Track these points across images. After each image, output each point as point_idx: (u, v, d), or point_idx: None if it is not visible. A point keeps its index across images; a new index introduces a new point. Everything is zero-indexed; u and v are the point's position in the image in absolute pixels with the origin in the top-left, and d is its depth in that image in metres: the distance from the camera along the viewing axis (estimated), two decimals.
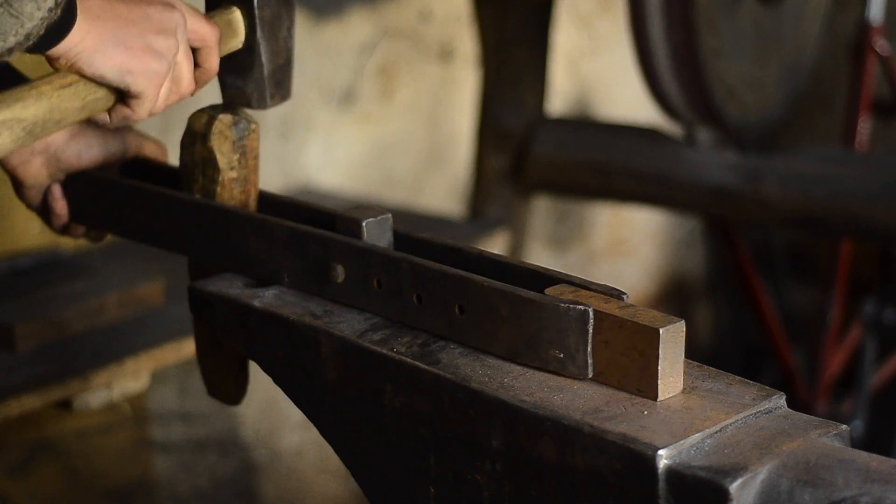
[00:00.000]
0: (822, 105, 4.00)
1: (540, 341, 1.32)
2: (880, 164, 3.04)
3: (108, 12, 1.37)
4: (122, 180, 1.68)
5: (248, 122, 1.58)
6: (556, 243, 4.04)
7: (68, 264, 2.49)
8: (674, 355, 1.27)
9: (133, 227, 1.67)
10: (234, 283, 1.56)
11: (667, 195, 3.11)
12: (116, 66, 1.37)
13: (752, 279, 3.55)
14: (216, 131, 1.56)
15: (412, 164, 3.53)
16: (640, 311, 1.29)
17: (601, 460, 1.22)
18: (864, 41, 3.37)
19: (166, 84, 1.43)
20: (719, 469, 1.17)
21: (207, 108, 1.59)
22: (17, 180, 1.63)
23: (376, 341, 1.41)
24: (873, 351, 3.57)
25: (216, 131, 1.56)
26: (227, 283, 1.56)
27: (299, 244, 1.50)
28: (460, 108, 3.57)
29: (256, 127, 1.59)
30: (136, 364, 2.26)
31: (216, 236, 1.57)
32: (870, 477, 1.16)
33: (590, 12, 3.96)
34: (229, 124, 1.56)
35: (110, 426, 2.50)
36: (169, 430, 2.97)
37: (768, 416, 1.26)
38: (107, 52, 1.36)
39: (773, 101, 3.21)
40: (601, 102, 4.06)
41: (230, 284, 1.56)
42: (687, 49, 2.89)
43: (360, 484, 1.45)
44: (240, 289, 1.54)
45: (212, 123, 1.56)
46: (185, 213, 1.59)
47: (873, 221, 2.90)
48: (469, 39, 3.45)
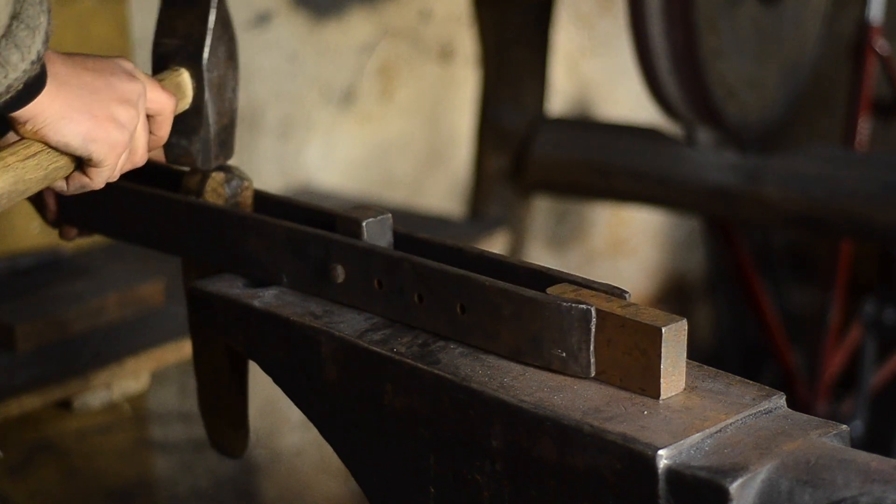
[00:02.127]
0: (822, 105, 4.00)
1: (542, 340, 1.33)
2: (880, 164, 3.04)
3: (74, 79, 1.36)
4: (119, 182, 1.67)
5: (241, 179, 1.60)
6: (556, 243, 4.04)
7: (68, 264, 2.49)
8: (676, 354, 1.28)
9: (128, 229, 1.67)
10: (234, 283, 1.56)
11: (667, 195, 3.11)
12: (81, 133, 1.36)
13: (752, 279, 3.55)
14: (209, 189, 1.58)
15: (412, 164, 3.53)
16: (642, 310, 1.29)
17: (601, 460, 1.22)
18: (864, 41, 3.37)
19: (124, 154, 1.43)
20: (719, 469, 1.17)
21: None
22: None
23: (376, 341, 1.41)
24: (873, 351, 3.57)
25: (209, 189, 1.58)
26: (227, 283, 1.56)
27: (299, 244, 1.50)
28: (460, 108, 3.57)
29: (249, 184, 1.61)
30: (136, 364, 2.26)
31: (215, 238, 1.57)
32: (870, 477, 1.16)
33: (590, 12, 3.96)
34: (222, 182, 1.58)
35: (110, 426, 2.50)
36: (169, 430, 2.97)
37: (768, 416, 1.26)
38: (73, 119, 1.36)
39: (773, 101, 3.21)
40: (601, 102, 4.06)
41: (230, 285, 1.56)
42: (687, 49, 2.89)
43: (360, 484, 1.45)
44: (240, 289, 1.54)
45: (205, 182, 1.58)
46: (183, 214, 1.59)
47: (873, 221, 2.90)
48: (469, 39, 3.45)
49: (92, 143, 1.38)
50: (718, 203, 3.05)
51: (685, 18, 2.86)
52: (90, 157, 1.39)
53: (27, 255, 2.49)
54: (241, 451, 1.69)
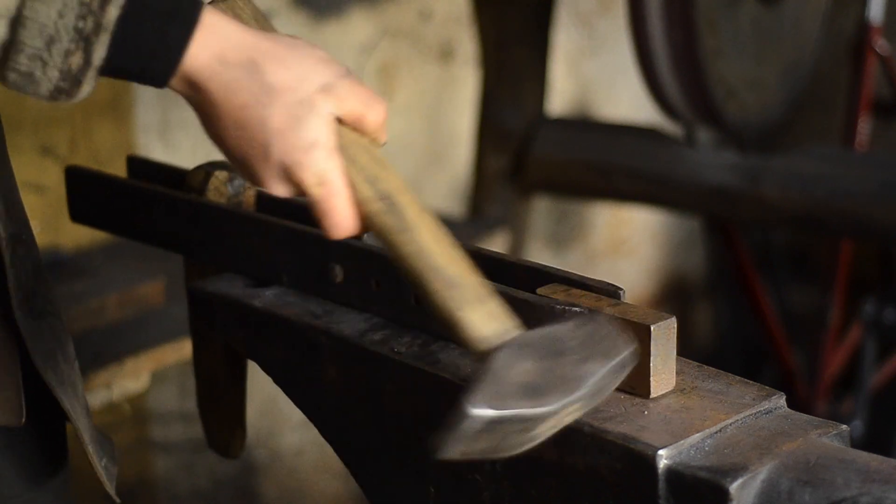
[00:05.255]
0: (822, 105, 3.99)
1: None
2: (880, 163, 3.04)
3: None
4: (122, 179, 1.68)
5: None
6: (556, 243, 4.04)
7: (68, 264, 2.49)
8: (665, 352, 1.27)
9: (133, 226, 1.68)
10: (234, 283, 1.56)
11: (667, 195, 3.11)
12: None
13: (752, 279, 3.55)
14: (212, 188, 1.58)
15: (412, 164, 3.53)
16: (631, 309, 1.29)
17: (601, 460, 1.22)
18: (864, 41, 3.36)
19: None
20: (719, 469, 1.17)
21: (205, 165, 1.60)
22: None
23: (376, 341, 1.41)
24: (873, 351, 3.57)
25: (212, 188, 1.58)
26: (227, 283, 1.56)
27: (299, 244, 1.50)
28: (460, 108, 3.57)
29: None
30: (136, 364, 2.26)
31: (216, 236, 1.58)
32: (870, 477, 1.16)
33: (590, 12, 3.96)
34: (225, 181, 1.58)
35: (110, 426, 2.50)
36: (169, 430, 2.97)
37: (768, 416, 1.26)
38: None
39: (773, 101, 3.21)
40: (601, 102, 4.06)
41: (230, 284, 1.56)
42: (687, 49, 2.89)
43: (360, 484, 1.45)
44: (240, 289, 1.54)
45: (208, 180, 1.58)
46: (185, 212, 1.60)
47: (873, 221, 2.90)
48: (469, 39, 3.45)
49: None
50: (718, 203, 3.05)
51: (685, 18, 2.86)
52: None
53: None
54: (239, 451, 1.69)
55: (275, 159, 1.16)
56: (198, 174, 1.60)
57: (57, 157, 2.56)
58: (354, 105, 1.19)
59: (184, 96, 1.18)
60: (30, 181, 2.49)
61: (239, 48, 1.15)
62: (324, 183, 1.18)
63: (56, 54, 1.10)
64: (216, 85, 1.15)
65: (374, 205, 1.19)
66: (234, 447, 1.69)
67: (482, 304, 1.17)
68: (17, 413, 1.35)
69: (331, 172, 1.18)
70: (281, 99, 1.15)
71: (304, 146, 1.16)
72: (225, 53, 1.15)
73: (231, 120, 1.16)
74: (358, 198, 1.19)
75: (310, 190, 1.18)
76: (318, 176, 1.18)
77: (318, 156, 1.17)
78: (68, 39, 1.09)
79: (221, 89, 1.15)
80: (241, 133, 1.16)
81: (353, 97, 1.19)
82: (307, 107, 1.16)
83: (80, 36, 1.10)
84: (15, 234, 1.36)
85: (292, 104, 1.16)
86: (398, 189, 1.20)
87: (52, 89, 1.12)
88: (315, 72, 1.18)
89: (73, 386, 1.41)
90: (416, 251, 1.18)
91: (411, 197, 1.21)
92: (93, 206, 1.69)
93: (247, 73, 1.15)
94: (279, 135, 1.15)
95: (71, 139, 2.61)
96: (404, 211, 1.19)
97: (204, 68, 1.14)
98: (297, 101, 1.16)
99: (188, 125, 2.92)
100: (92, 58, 1.11)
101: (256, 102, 1.15)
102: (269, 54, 1.16)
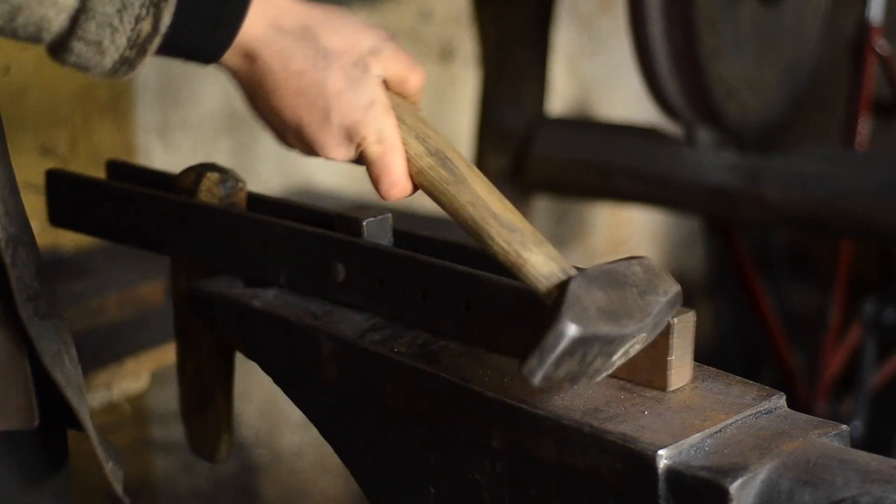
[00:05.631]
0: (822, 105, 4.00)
1: None
2: (880, 163, 3.04)
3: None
4: (111, 183, 1.67)
5: (236, 180, 1.59)
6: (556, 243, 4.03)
7: (68, 264, 2.49)
8: (684, 346, 1.28)
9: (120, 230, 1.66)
10: (234, 283, 1.56)
11: (667, 195, 3.11)
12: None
13: (752, 279, 3.55)
14: (204, 189, 1.58)
15: None
16: None
17: (601, 460, 1.22)
18: (864, 41, 3.37)
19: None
20: (719, 469, 1.17)
21: (196, 166, 1.59)
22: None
23: (376, 341, 1.41)
24: (873, 351, 3.57)
25: (204, 189, 1.58)
26: (227, 283, 1.56)
27: (299, 244, 1.50)
28: (460, 108, 3.57)
29: (244, 185, 1.60)
30: (136, 364, 2.26)
31: (211, 238, 1.57)
32: (870, 477, 1.16)
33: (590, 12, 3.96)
34: (217, 182, 1.58)
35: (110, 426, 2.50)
36: (169, 430, 2.97)
37: (768, 416, 1.26)
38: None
39: (773, 101, 3.21)
40: (601, 102, 4.06)
41: (230, 285, 1.55)
42: (687, 49, 2.89)
43: (360, 484, 1.45)
44: (240, 289, 1.54)
45: (199, 181, 1.58)
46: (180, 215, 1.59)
47: (873, 221, 2.90)
48: (469, 39, 3.45)
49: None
50: (718, 203, 3.05)
51: (685, 18, 2.86)
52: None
53: None
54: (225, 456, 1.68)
55: (335, 121, 1.20)
56: (189, 175, 1.59)
57: (57, 157, 2.56)
58: (399, 68, 1.23)
59: (234, 72, 1.20)
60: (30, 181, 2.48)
61: (292, 16, 1.18)
62: (383, 140, 1.22)
63: (127, 20, 1.11)
64: (272, 52, 1.18)
65: (425, 160, 1.25)
66: (221, 452, 1.67)
67: (541, 246, 1.23)
68: (31, 416, 1.35)
69: (388, 130, 1.22)
70: (337, 62, 1.18)
71: (363, 105, 1.20)
72: (280, 21, 1.18)
73: (289, 88, 1.19)
74: (409, 154, 1.25)
75: (370, 148, 1.22)
76: (377, 133, 1.22)
77: (376, 113, 1.21)
78: (139, 5, 1.11)
79: (277, 57, 1.18)
80: (299, 100, 1.19)
81: (397, 60, 1.23)
82: (361, 68, 1.20)
83: (151, 1, 1.11)
84: (16, 235, 1.36)
85: (348, 66, 1.19)
86: (446, 145, 1.26)
87: (117, 59, 1.13)
88: (364, 35, 1.21)
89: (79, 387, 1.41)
90: (473, 199, 1.24)
91: (459, 153, 1.26)
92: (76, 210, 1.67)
93: (302, 39, 1.18)
94: (338, 96, 1.19)
95: (71, 139, 2.61)
96: (456, 164, 1.25)
97: (260, 36, 1.17)
98: (351, 63, 1.19)
99: (188, 125, 2.92)
100: (160, 24, 1.13)
101: (314, 67, 1.18)
102: (320, 20, 1.19)
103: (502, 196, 1.26)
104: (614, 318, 1.18)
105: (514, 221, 1.24)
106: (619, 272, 1.22)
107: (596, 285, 1.19)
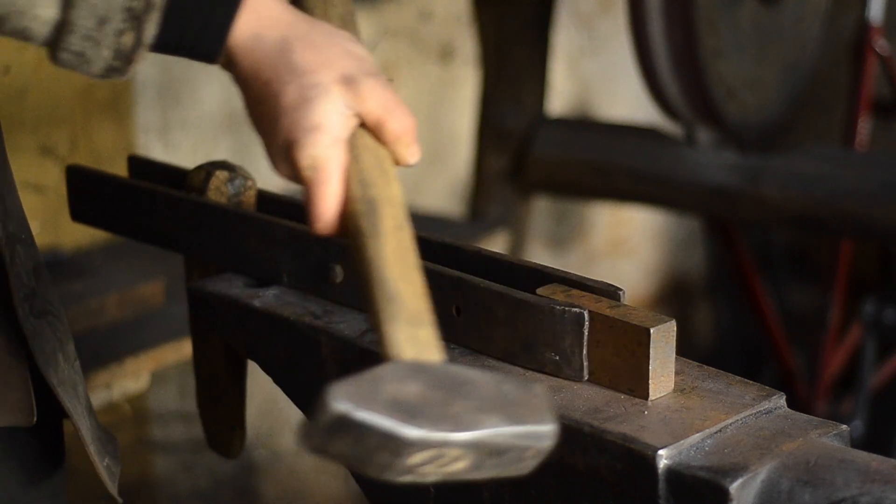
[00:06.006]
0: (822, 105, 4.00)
1: (536, 344, 1.32)
2: (880, 163, 3.04)
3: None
4: (123, 179, 1.68)
5: (245, 178, 1.60)
6: (556, 243, 4.04)
7: (68, 264, 2.49)
8: (664, 355, 1.27)
9: (135, 226, 1.67)
10: (234, 283, 1.56)
11: (667, 195, 3.11)
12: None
13: (752, 279, 3.55)
14: (212, 187, 1.58)
15: None
16: (631, 311, 1.29)
17: (601, 460, 1.22)
18: (864, 41, 3.37)
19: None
20: (719, 469, 1.17)
21: (205, 165, 1.60)
22: None
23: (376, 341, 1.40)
24: (873, 351, 3.57)
25: (212, 187, 1.58)
26: (227, 283, 1.56)
27: (299, 244, 1.50)
28: (460, 108, 3.57)
29: (252, 183, 1.61)
30: (136, 364, 2.26)
31: (216, 236, 1.57)
32: (870, 477, 1.16)
33: (590, 12, 3.96)
34: (225, 180, 1.58)
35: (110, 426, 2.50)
36: (169, 430, 2.97)
37: (768, 416, 1.26)
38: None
39: (773, 101, 3.21)
40: (601, 102, 4.06)
41: (230, 284, 1.55)
42: (687, 49, 2.89)
43: (359, 484, 1.45)
44: (240, 289, 1.54)
45: (208, 179, 1.58)
46: (185, 212, 1.60)
47: (873, 221, 2.90)
48: (469, 39, 3.45)
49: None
50: (718, 203, 3.05)
51: (685, 18, 2.86)
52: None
53: None
54: (238, 451, 1.69)
55: (280, 135, 1.17)
56: (198, 174, 1.60)
57: (57, 157, 2.56)
58: (374, 107, 1.18)
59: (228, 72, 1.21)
60: (30, 181, 2.49)
61: (275, 26, 1.17)
62: (317, 168, 1.16)
63: (108, 34, 1.12)
64: (248, 61, 1.17)
65: (356, 205, 1.17)
66: (234, 447, 1.69)
67: (414, 327, 1.13)
68: (28, 413, 1.35)
69: (329, 161, 1.16)
70: (299, 79, 1.16)
71: (307, 126, 1.16)
72: (262, 31, 1.17)
73: (253, 94, 1.18)
74: (347, 195, 1.18)
75: (302, 172, 1.17)
76: (312, 159, 1.16)
77: (318, 140, 1.16)
78: (120, 19, 1.11)
79: (250, 65, 1.17)
80: (258, 108, 1.18)
81: (374, 98, 1.18)
82: (321, 90, 1.16)
83: (132, 15, 1.12)
84: (14, 233, 1.36)
85: (307, 85, 1.16)
86: (388, 199, 1.18)
87: (105, 67, 1.14)
88: (341, 61, 1.18)
89: (73, 386, 1.41)
90: (373, 258, 1.16)
91: (397, 211, 1.18)
92: (93, 205, 1.69)
93: (276, 50, 1.17)
94: (286, 112, 1.16)
95: (71, 139, 2.61)
96: (381, 219, 1.17)
97: (241, 45, 1.17)
98: (313, 83, 1.16)
99: (188, 125, 2.92)
100: (143, 36, 1.13)
101: (277, 79, 1.16)
102: (302, 35, 1.18)
103: (415, 267, 1.16)
104: (409, 415, 1.02)
105: (402, 293, 1.13)
106: (474, 381, 1.07)
107: (423, 379, 1.06)
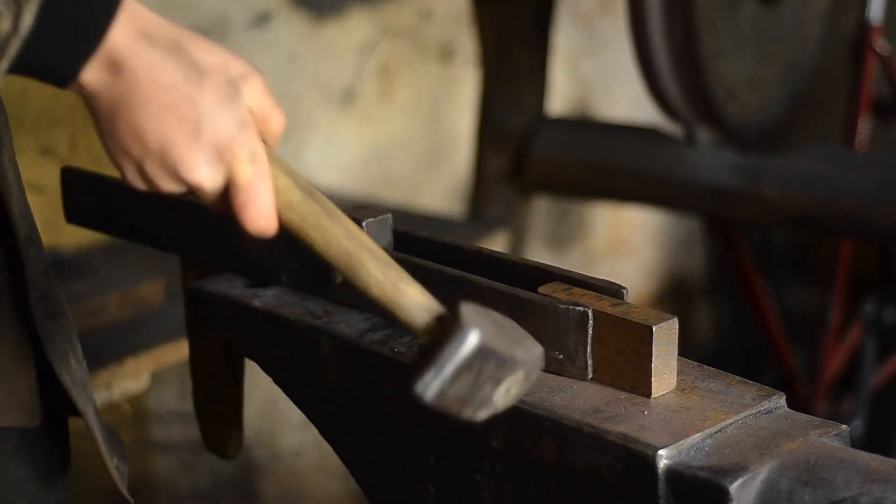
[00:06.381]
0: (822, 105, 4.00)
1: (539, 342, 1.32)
2: (880, 163, 3.04)
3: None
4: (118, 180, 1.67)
5: None
6: (556, 243, 4.04)
7: (68, 264, 2.49)
8: (667, 353, 1.28)
9: (131, 227, 1.67)
10: (234, 283, 1.56)
11: (667, 195, 3.11)
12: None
13: (752, 279, 3.55)
14: None
15: (412, 164, 3.53)
16: (633, 309, 1.29)
17: (601, 460, 1.22)
18: (864, 41, 3.37)
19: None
20: (719, 469, 1.17)
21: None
22: None
23: (376, 341, 1.41)
24: (873, 351, 3.57)
25: None
26: (227, 283, 1.56)
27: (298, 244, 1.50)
28: (460, 108, 3.57)
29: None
30: (136, 364, 2.26)
31: (214, 237, 1.57)
32: (870, 477, 1.16)
33: (590, 12, 3.96)
34: None
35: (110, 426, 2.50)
36: (169, 430, 2.97)
37: (768, 416, 1.26)
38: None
39: (773, 101, 3.21)
40: (601, 102, 4.06)
41: (230, 284, 1.56)
42: (687, 49, 2.89)
43: (360, 484, 1.45)
44: (240, 289, 1.54)
45: None
46: (182, 213, 1.59)
47: (873, 221, 2.90)
48: (469, 39, 3.45)
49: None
50: (718, 203, 3.05)
51: (685, 18, 2.86)
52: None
53: None
54: (236, 452, 1.69)
55: (206, 138, 1.12)
56: None
57: (57, 157, 2.56)
58: (264, 103, 1.16)
59: (94, 92, 1.11)
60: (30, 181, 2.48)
61: (162, 29, 1.12)
62: (256, 161, 1.14)
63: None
64: (141, 63, 1.10)
65: (295, 193, 1.17)
66: (232, 448, 1.69)
67: (416, 284, 1.17)
68: (33, 414, 1.35)
69: (261, 154, 1.15)
70: (210, 79, 1.12)
71: (238, 122, 1.13)
72: (150, 31, 1.11)
73: (156, 102, 1.11)
74: (277, 186, 1.17)
75: (242, 169, 1.14)
76: (251, 153, 1.14)
77: (249, 133, 1.14)
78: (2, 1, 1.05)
79: (146, 68, 1.10)
80: (167, 116, 1.11)
81: (263, 95, 1.16)
82: (234, 87, 1.13)
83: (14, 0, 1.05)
84: (27, 235, 1.36)
85: (221, 83, 1.12)
86: (312, 185, 1.19)
87: None
88: (234, 60, 1.15)
89: (84, 386, 1.41)
90: (347, 233, 1.17)
91: (323, 195, 1.20)
92: (88, 207, 1.69)
93: (173, 53, 1.11)
94: (211, 112, 1.11)
95: (71, 139, 2.61)
96: (324, 199, 1.18)
97: (128, 44, 1.10)
98: (224, 80, 1.13)
99: None
100: (20, 24, 1.06)
101: (185, 81, 1.11)
102: (190, 38, 1.13)
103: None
104: (507, 341, 1.13)
105: (389, 258, 1.17)
106: (496, 316, 1.17)
107: (484, 315, 1.14)
